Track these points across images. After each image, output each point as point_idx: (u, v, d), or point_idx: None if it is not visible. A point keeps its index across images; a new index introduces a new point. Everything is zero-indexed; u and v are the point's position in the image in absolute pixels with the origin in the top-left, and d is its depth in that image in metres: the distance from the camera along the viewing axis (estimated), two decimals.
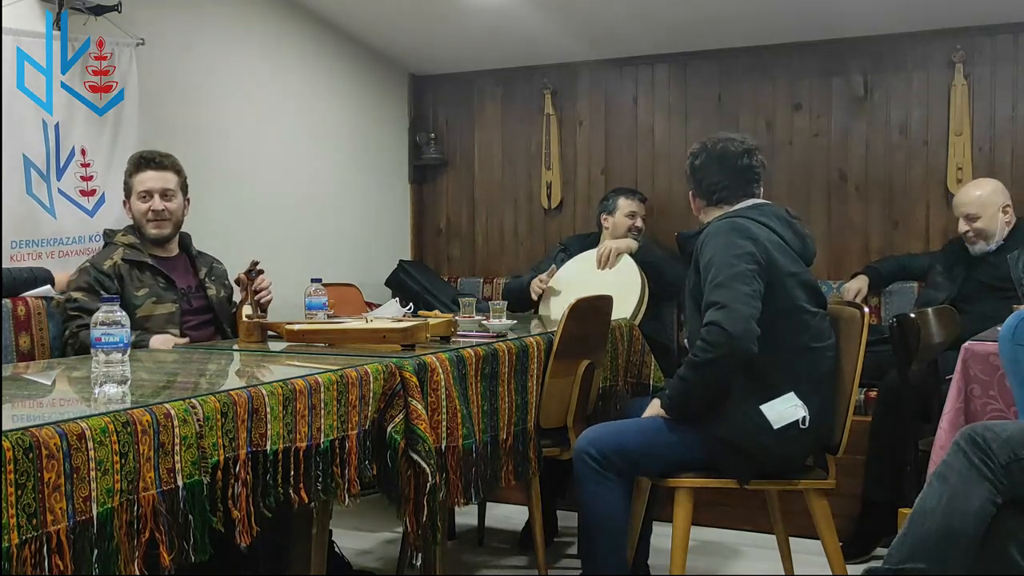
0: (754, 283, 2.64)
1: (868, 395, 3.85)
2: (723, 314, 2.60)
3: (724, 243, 2.70)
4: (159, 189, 3.28)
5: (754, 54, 4.72)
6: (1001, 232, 3.82)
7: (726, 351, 2.60)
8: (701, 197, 2.95)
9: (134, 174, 3.30)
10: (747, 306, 2.61)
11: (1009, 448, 2.13)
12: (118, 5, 3.63)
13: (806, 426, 2.68)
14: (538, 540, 3.12)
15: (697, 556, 3.54)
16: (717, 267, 2.67)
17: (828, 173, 4.64)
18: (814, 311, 2.76)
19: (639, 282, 4.08)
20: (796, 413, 2.67)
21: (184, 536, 1.83)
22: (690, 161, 2.97)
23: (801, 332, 2.72)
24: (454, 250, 5.46)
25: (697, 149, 2.97)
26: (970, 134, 4.34)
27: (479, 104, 5.36)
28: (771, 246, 2.72)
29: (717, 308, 2.62)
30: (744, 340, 2.59)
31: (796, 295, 2.73)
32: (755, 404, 2.67)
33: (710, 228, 2.79)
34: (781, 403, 2.67)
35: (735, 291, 2.62)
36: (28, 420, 1.64)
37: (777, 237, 2.76)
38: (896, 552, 2.17)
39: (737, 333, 2.58)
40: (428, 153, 5.40)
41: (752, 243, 2.70)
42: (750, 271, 2.65)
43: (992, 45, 4.33)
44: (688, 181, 3.00)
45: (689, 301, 2.86)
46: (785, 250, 2.76)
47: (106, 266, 3.18)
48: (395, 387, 2.41)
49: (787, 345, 2.70)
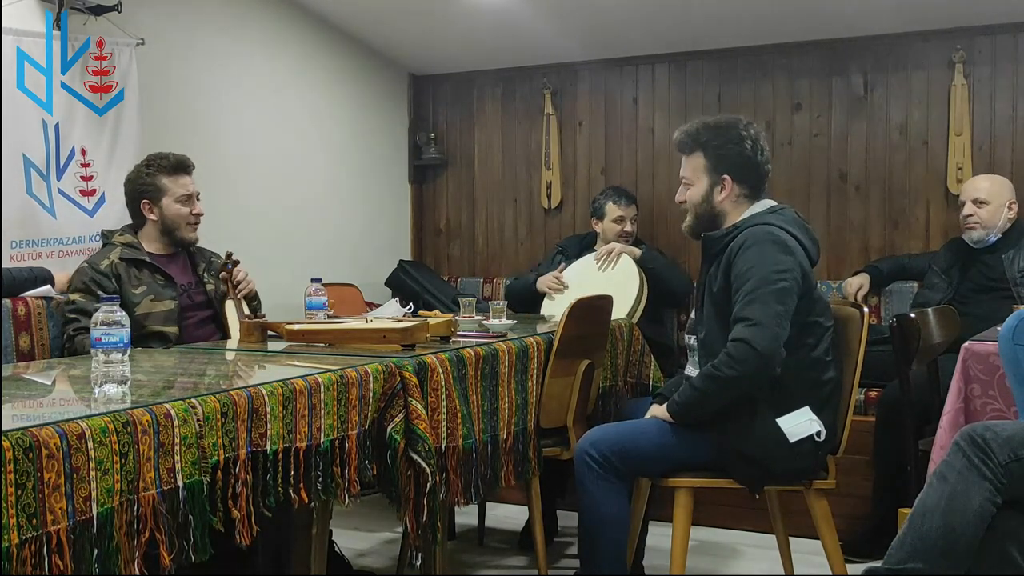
0: (788, 302, 2.59)
1: (868, 395, 3.85)
2: (754, 332, 2.55)
3: (764, 255, 2.62)
4: (196, 193, 3.34)
5: (754, 54, 4.72)
6: (1001, 226, 3.83)
7: (752, 370, 2.57)
8: (742, 183, 2.79)
9: (171, 176, 3.29)
10: (779, 327, 2.57)
11: (1009, 448, 2.13)
12: (118, 5, 3.63)
13: (822, 439, 2.67)
14: (538, 540, 3.12)
15: (697, 556, 3.54)
16: (755, 281, 2.60)
17: (828, 173, 4.63)
18: (827, 324, 2.75)
19: (638, 280, 4.08)
20: (811, 428, 2.65)
21: (184, 536, 1.83)
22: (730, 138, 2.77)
23: (819, 346, 2.71)
24: (454, 250, 5.46)
25: (733, 130, 2.78)
26: (970, 134, 4.34)
27: (479, 104, 5.36)
28: (803, 260, 2.68)
29: (748, 324, 2.57)
30: (771, 361, 2.57)
31: (817, 309, 2.72)
32: (772, 417, 2.65)
33: (747, 235, 2.68)
34: (797, 417, 2.65)
35: (769, 310, 2.56)
36: (28, 420, 1.64)
37: (803, 248, 2.71)
38: (896, 552, 2.17)
39: (767, 353, 2.55)
40: (428, 153, 5.40)
41: (792, 259, 2.64)
42: (787, 289, 2.60)
43: (992, 45, 4.33)
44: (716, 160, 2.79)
45: (709, 305, 2.77)
46: (807, 261, 2.73)
47: (103, 266, 3.18)
48: (395, 387, 2.41)
49: (807, 359, 2.68)
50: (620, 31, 4.70)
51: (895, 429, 3.44)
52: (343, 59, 4.98)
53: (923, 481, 2.27)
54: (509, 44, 4.95)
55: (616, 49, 4.91)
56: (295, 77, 4.72)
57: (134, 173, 3.35)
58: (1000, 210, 3.83)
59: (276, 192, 4.60)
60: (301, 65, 4.74)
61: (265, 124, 4.56)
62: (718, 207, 2.82)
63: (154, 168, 3.31)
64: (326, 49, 4.87)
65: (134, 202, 3.33)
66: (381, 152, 5.29)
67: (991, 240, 3.83)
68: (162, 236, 3.33)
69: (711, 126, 2.84)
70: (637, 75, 4.99)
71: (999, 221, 3.83)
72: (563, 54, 5.00)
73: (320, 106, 4.89)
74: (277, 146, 4.62)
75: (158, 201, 3.29)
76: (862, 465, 3.71)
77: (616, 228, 4.39)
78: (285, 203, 4.65)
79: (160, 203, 3.29)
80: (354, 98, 5.09)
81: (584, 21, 4.64)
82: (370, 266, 5.08)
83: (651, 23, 4.61)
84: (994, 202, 3.83)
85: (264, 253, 3.95)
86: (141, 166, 3.34)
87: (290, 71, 4.69)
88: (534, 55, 5.05)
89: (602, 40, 4.81)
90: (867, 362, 2.79)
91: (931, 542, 2.12)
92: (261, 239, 4.33)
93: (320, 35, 4.82)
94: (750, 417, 2.65)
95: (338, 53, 4.94)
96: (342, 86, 5.01)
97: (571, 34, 4.77)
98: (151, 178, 3.30)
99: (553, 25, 4.66)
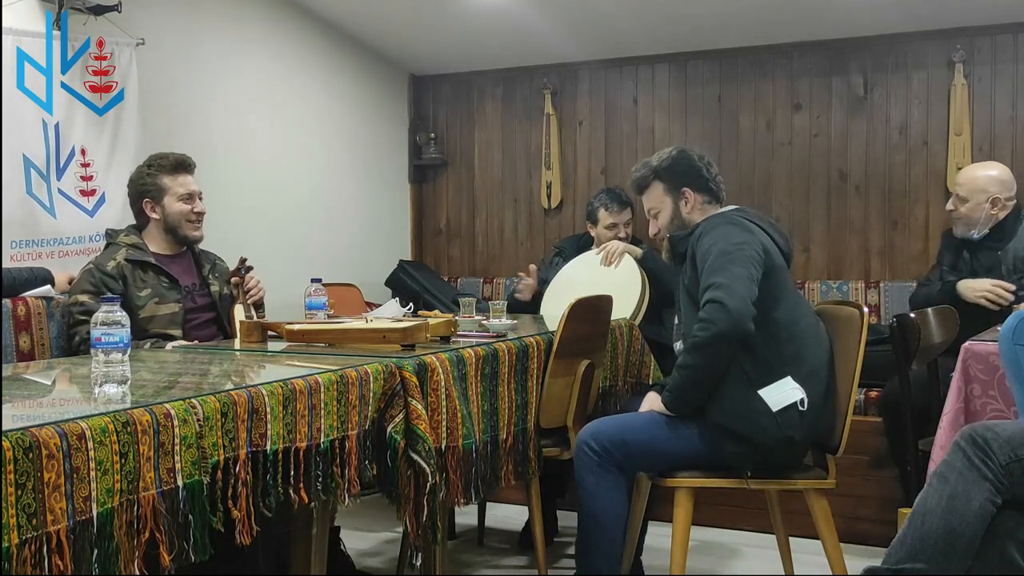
0: (751, 269, 2.70)
1: (868, 395, 3.85)
2: (721, 292, 2.65)
3: (723, 234, 2.78)
4: (198, 191, 3.35)
5: (754, 54, 4.72)
6: (984, 223, 3.69)
7: (725, 327, 2.63)
8: (701, 191, 2.97)
9: (171, 175, 3.30)
10: (744, 287, 2.66)
11: (1010, 448, 2.13)
12: (118, 5, 3.63)
13: (804, 408, 2.70)
14: (538, 540, 3.12)
15: (697, 556, 3.54)
16: (716, 255, 2.72)
17: (828, 173, 4.64)
18: (805, 309, 2.86)
19: (639, 282, 4.07)
20: (794, 395, 2.70)
21: (184, 536, 1.82)
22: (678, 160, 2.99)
23: (797, 318, 2.79)
24: (454, 250, 5.46)
25: (678, 152, 3.01)
26: (970, 134, 4.35)
27: (479, 104, 5.36)
28: (764, 240, 2.81)
29: (716, 287, 2.67)
30: (742, 316, 2.63)
31: (788, 285, 2.84)
32: (753, 389, 2.70)
33: (705, 224, 2.86)
34: (779, 386, 2.71)
35: (733, 273, 2.67)
36: (28, 420, 1.64)
37: (767, 235, 2.84)
38: (895, 552, 2.17)
39: (735, 308, 2.62)
40: (428, 153, 5.40)
41: (750, 235, 2.78)
42: (750, 257, 2.71)
43: (992, 45, 4.33)
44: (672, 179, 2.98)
45: (684, 297, 2.89)
46: (774, 248, 2.83)
47: (109, 267, 3.19)
48: (395, 387, 2.41)
49: (783, 330, 2.75)
50: (620, 31, 4.70)
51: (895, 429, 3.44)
52: (343, 59, 4.98)
53: (923, 481, 2.27)
54: (509, 44, 4.95)
55: (616, 49, 4.91)
56: (295, 77, 4.72)
57: (136, 174, 3.36)
58: (979, 207, 3.68)
59: (276, 192, 4.60)
60: (301, 65, 4.74)
61: (265, 124, 4.56)
62: (687, 218, 2.99)
63: (155, 168, 3.32)
64: (326, 49, 4.87)
65: (137, 202, 3.34)
66: (381, 152, 5.29)
67: (975, 236, 3.71)
68: (166, 235, 3.33)
69: (657, 158, 3.04)
70: (637, 75, 5.00)
71: (979, 217, 3.69)
72: (563, 54, 5.00)
73: (320, 106, 4.89)
74: (277, 146, 4.63)
75: (160, 201, 3.30)
76: (862, 465, 3.71)
77: (609, 235, 4.37)
78: (285, 203, 4.65)
79: (162, 202, 3.30)
80: (354, 98, 5.09)
81: (584, 21, 4.64)
82: (370, 266, 5.08)
83: (651, 23, 4.61)
84: (972, 199, 3.69)
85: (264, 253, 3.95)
86: (143, 167, 3.35)
87: (290, 71, 4.69)
88: (534, 55, 5.06)
89: (602, 40, 4.81)
90: (867, 362, 2.79)
91: (931, 542, 2.12)
92: (261, 239, 4.33)
93: (320, 35, 4.82)
94: (734, 392, 2.71)
95: (338, 53, 4.94)
96: (342, 86, 5.01)
97: (571, 34, 4.77)
98: (152, 178, 3.31)
99: (553, 25, 4.66)
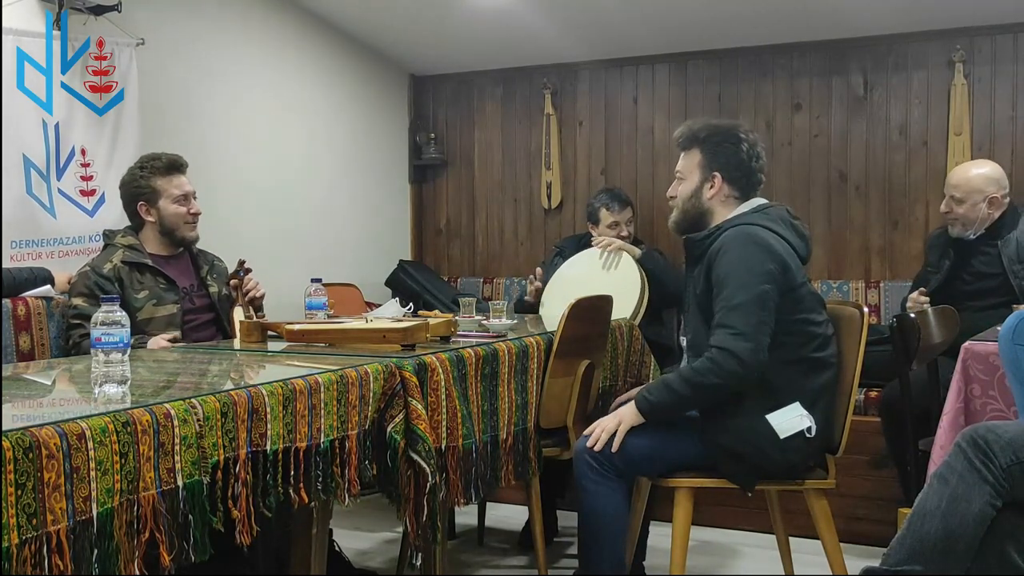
0: (769, 304, 2.60)
1: (868, 395, 3.85)
2: (739, 343, 2.56)
3: (743, 259, 2.63)
4: (192, 192, 3.34)
5: (754, 54, 4.72)
6: (981, 223, 3.69)
7: (735, 381, 2.59)
8: (731, 183, 2.82)
9: (165, 177, 3.29)
10: (763, 335, 2.58)
11: (1011, 450, 2.12)
12: (118, 5, 3.63)
13: (812, 436, 2.66)
14: (538, 540, 3.12)
15: (697, 556, 3.54)
16: (734, 287, 2.61)
17: (828, 173, 4.63)
18: (820, 320, 2.74)
19: (639, 282, 4.07)
20: (802, 423, 2.65)
21: (184, 536, 1.83)
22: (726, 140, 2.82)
23: (808, 343, 2.70)
24: (454, 250, 5.46)
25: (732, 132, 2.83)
26: (970, 134, 4.34)
27: (479, 104, 5.36)
28: (787, 257, 2.68)
29: (732, 333, 2.58)
30: (754, 372, 2.58)
31: (804, 306, 2.70)
32: (761, 413, 2.65)
33: (726, 237, 2.69)
34: (787, 412, 2.65)
35: (752, 317, 2.57)
36: (28, 420, 1.64)
37: (788, 245, 2.71)
38: (894, 553, 2.17)
39: (750, 363, 2.56)
40: (428, 153, 5.40)
41: (770, 258, 2.63)
42: (767, 292, 2.60)
43: (992, 45, 4.33)
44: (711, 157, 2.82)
45: (694, 306, 2.80)
46: (794, 258, 2.71)
47: (106, 269, 3.18)
48: (395, 387, 2.41)
49: (794, 357, 2.68)
50: (620, 31, 4.70)
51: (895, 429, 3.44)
52: (343, 59, 4.98)
53: (923, 481, 2.27)
54: (509, 44, 4.95)
55: (616, 49, 4.91)
56: (295, 77, 4.72)
57: (128, 176, 3.34)
58: (976, 207, 3.67)
59: (276, 192, 4.60)
60: (301, 65, 4.74)
61: (265, 124, 4.56)
62: (706, 204, 2.84)
63: (148, 170, 3.30)
64: (326, 49, 4.87)
65: (131, 205, 3.32)
66: (381, 152, 5.29)
67: (970, 236, 3.71)
68: (162, 237, 3.33)
69: (712, 125, 2.90)
70: (637, 75, 5.00)
71: (976, 217, 3.68)
72: (563, 54, 5.00)
73: (320, 106, 4.89)
74: (277, 146, 4.63)
75: (155, 203, 3.29)
76: (862, 465, 3.71)
77: (611, 234, 4.38)
78: (285, 203, 4.65)
79: (157, 204, 3.29)
80: (354, 98, 5.09)
81: (584, 21, 4.64)
82: (370, 266, 5.08)
83: (651, 23, 4.61)
84: (969, 200, 3.69)
85: (264, 253, 3.95)
86: (135, 168, 3.33)
87: (290, 71, 4.69)
88: (534, 55, 5.05)
89: (602, 40, 4.81)
90: (867, 362, 2.78)
91: (930, 544, 2.12)
92: (261, 239, 4.33)
93: (320, 35, 4.82)
94: (740, 415, 2.66)
95: (338, 53, 4.94)
96: (342, 86, 5.01)
97: (571, 34, 4.77)
98: (146, 180, 3.29)
99: (553, 25, 4.66)
